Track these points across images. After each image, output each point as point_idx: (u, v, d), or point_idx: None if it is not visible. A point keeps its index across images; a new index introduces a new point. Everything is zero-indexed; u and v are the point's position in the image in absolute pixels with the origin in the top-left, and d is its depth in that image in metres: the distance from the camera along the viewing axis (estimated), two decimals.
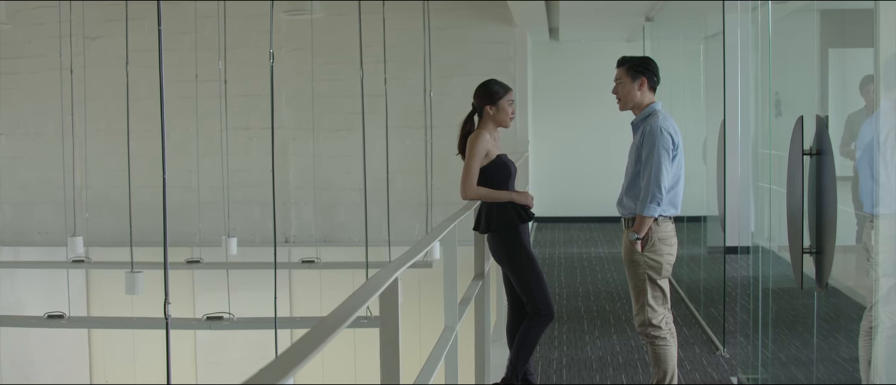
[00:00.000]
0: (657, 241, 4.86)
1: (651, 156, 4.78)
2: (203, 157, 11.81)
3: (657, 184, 4.76)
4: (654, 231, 4.85)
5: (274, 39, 12.58)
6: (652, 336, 4.92)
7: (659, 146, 4.77)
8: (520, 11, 11.43)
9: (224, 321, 7.57)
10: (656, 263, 4.87)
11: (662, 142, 4.78)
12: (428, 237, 3.74)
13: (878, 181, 4.02)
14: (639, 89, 4.96)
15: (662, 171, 4.76)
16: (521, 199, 5.16)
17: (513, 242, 5.13)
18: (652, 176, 4.76)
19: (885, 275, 4.09)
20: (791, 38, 5.70)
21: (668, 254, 4.91)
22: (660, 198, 4.77)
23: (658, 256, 4.87)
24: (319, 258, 10.24)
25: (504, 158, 5.24)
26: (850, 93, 5.00)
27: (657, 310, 4.91)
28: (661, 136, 4.78)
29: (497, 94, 5.21)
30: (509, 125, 5.29)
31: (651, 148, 4.79)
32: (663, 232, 4.88)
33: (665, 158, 4.77)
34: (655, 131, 4.80)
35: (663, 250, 4.88)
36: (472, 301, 5.06)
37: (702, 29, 8.72)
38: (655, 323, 4.90)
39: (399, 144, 12.17)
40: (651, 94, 4.99)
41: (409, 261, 2.91)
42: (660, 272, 4.89)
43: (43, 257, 12.61)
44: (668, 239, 4.90)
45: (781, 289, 5.53)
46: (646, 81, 4.96)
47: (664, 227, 4.88)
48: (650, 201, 4.77)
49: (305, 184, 12.56)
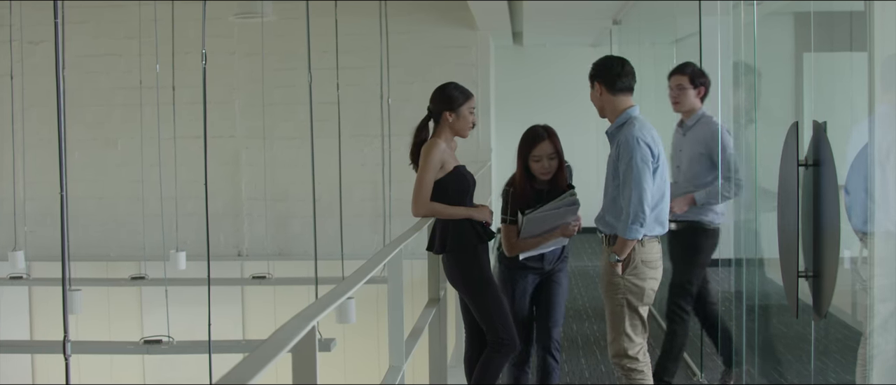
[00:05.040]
0: (640, 263, 4.37)
1: (630, 171, 4.27)
2: (150, 166, 11.23)
3: (640, 203, 4.25)
4: (637, 252, 4.36)
5: (226, 44, 12.13)
6: (628, 368, 4.43)
7: (637, 159, 4.26)
8: (482, 14, 11.00)
9: (163, 345, 7.01)
10: (637, 288, 4.38)
11: (640, 154, 4.27)
12: (367, 265, 3.23)
13: (872, 196, 3.60)
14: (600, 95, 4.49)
15: (645, 189, 4.26)
16: (479, 216, 4.67)
17: (470, 264, 4.63)
18: (634, 195, 4.26)
19: (881, 300, 3.68)
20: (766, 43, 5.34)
21: (652, 278, 4.42)
22: (643, 218, 4.26)
23: (640, 281, 4.38)
24: (272, 273, 9.73)
25: (461, 170, 4.73)
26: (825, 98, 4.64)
27: (634, 340, 4.42)
28: (639, 148, 4.27)
29: (457, 100, 4.70)
30: (468, 135, 4.79)
31: (629, 162, 4.28)
32: (648, 253, 4.39)
33: (646, 173, 4.26)
34: (631, 143, 4.29)
35: (646, 274, 4.38)
36: (426, 330, 4.56)
37: (672, 31, 8.38)
38: (632, 354, 4.42)
39: (356, 154, 11.68)
40: (625, 98, 4.49)
41: (336, 301, 2.43)
42: (641, 298, 4.40)
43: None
44: (652, 262, 4.41)
45: (769, 309, 5.12)
46: (601, 87, 4.48)
47: (649, 248, 4.39)
48: (633, 222, 4.26)
49: (258, 195, 12.04)
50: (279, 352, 1.99)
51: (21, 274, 10.25)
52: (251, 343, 8.47)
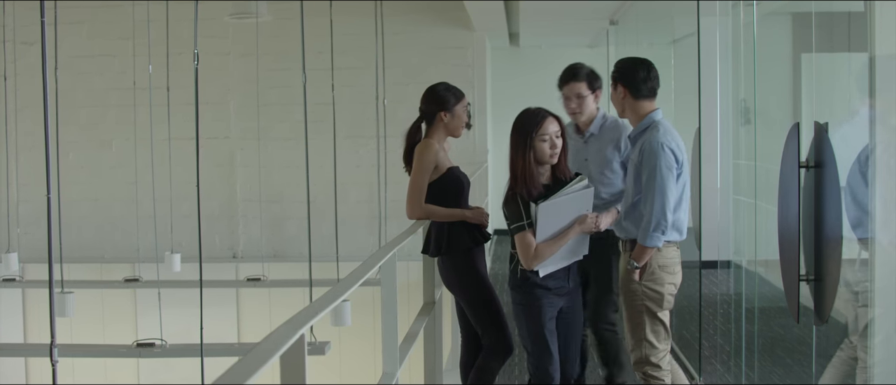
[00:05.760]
0: (657, 268, 4.28)
1: (654, 178, 4.19)
2: (145, 168, 11.16)
3: (663, 211, 4.17)
4: (654, 257, 4.27)
5: (221, 44, 12.07)
6: (650, 375, 4.33)
7: (661, 166, 4.17)
8: (478, 15, 10.95)
9: (156, 348, 6.95)
10: (656, 294, 4.30)
11: (665, 161, 4.18)
12: (359, 270, 3.17)
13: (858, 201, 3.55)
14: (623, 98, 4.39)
15: (668, 196, 4.18)
16: (475, 218, 4.61)
17: (466, 267, 4.57)
18: (656, 202, 4.17)
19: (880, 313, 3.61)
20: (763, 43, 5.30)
21: (671, 283, 4.33)
22: (665, 225, 4.18)
23: (658, 286, 4.29)
24: (266, 276, 9.67)
25: (456, 171, 4.67)
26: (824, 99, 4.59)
27: (657, 346, 4.33)
28: (663, 155, 4.19)
29: (451, 100, 4.63)
30: (461, 135, 4.73)
31: (653, 169, 4.19)
32: (665, 258, 4.30)
33: (670, 180, 4.18)
34: (655, 149, 4.20)
35: (664, 279, 4.30)
36: (421, 334, 4.50)
37: (669, 32, 8.34)
38: (654, 361, 4.32)
39: (352, 155, 11.63)
40: (649, 103, 4.37)
41: (326, 307, 2.37)
42: (660, 304, 4.31)
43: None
44: (670, 266, 4.32)
45: (768, 311, 5.07)
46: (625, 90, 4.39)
47: (666, 253, 4.30)
48: (654, 230, 4.18)
49: (253, 196, 11.97)
50: (267, 360, 1.93)
51: (14, 276, 10.19)
52: (245, 346, 8.41)
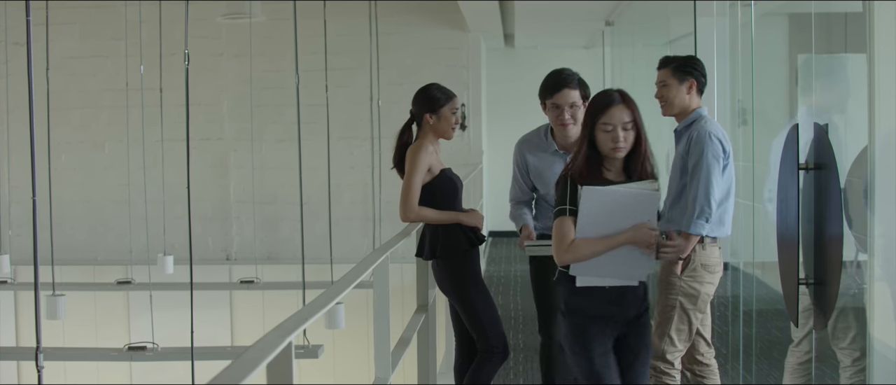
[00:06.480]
0: (699, 266, 4.22)
1: (699, 166, 4.17)
2: (138, 169, 11.10)
3: (707, 197, 4.14)
4: (698, 255, 4.22)
5: (214, 45, 12.01)
6: (661, 370, 4.27)
7: (708, 154, 4.16)
8: (473, 15, 10.90)
9: (147, 351, 6.89)
10: (693, 291, 4.24)
11: (712, 150, 4.17)
12: (351, 274, 3.11)
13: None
14: (687, 92, 4.35)
15: (713, 183, 4.15)
16: (469, 220, 4.54)
17: (461, 270, 4.51)
18: (700, 188, 4.14)
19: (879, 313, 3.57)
20: (761, 44, 5.25)
21: (709, 283, 4.27)
22: (709, 213, 4.14)
23: (697, 284, 4.24)
24: (260, 278, 9.60)
25: (448, 173, 4.60)
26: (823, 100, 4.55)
27: (676, 345, 4.27)
28: (711, 143, 4.17)
29: (439, 101, 4.55)
30: (451, 136, 4.65)
31: (699, 156, 4.18)
32: (708, 257, 4.24)
33: (716, 168, 4.16)
34: (704, 137, 4.19)
35: (704, 278, 4.24)
36: (415, 337, 4.44)
37: (665, 33, 8.30)
38: (669, 359, 4.27)
39: (346, 156, 11.57)
40: (698, 98, 4.38)
41: (317, 312, 2.31)
42: (695, 302, 4.25)
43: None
44: (712, 266, 4.26)
45: (765, 314, 5.02)
46: (694, 83, 4.36)
47: (710, 251, 4.25)
48: (698, 216, 4.14)
49: (247, 198, 11.91)
50: (254, 369, 1.87)
51: (6, 278, 10.12)
52: (237, 349, 8.35)
